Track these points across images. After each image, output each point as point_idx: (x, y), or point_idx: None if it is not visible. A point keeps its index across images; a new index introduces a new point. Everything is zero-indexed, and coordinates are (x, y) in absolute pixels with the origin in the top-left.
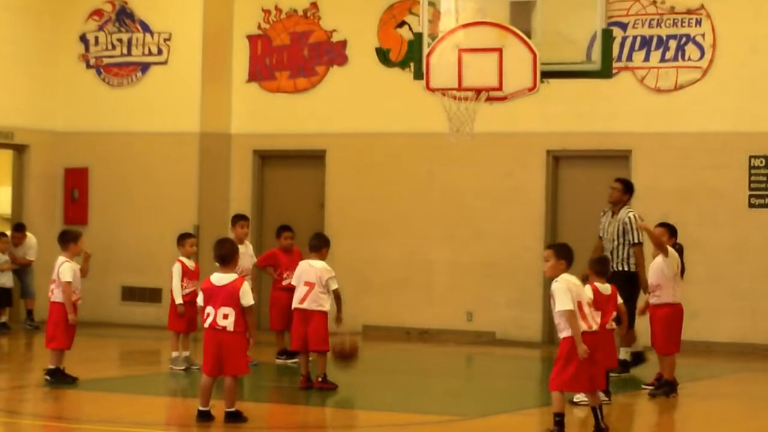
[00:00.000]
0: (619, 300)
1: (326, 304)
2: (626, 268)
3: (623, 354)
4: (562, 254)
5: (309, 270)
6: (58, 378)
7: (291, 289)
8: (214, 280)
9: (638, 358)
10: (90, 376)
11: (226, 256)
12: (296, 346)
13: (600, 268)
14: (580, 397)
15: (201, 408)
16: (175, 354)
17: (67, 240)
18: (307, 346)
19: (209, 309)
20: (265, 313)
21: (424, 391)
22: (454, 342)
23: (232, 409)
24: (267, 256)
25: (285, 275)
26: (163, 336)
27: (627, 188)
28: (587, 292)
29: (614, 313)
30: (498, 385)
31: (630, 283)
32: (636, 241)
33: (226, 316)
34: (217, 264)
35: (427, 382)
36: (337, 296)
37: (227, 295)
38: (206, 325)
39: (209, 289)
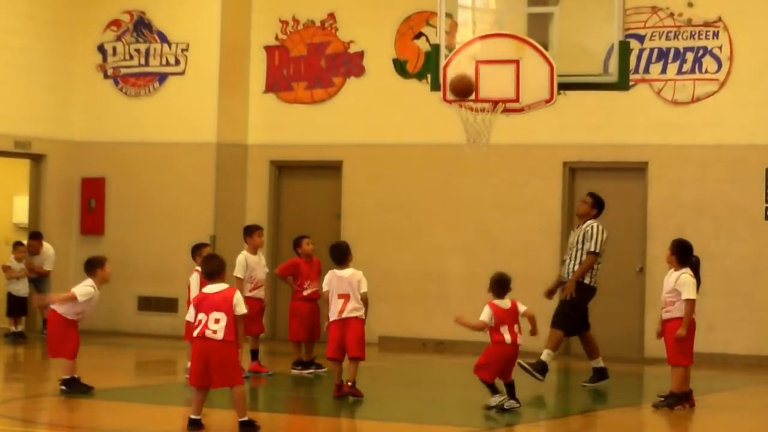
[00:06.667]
0: (522, 308)
1: (363, 311)
2: (580, 279)
3: (545, 356)
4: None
5: (337, 282)
6: (74, 387)
7: (311, 299)
8: (206, 290)
9: (602, 372)
10: (105, 386)
11: (214, 271)
12: (333, 353)
13: (497, 289)
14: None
15: (193, 416)
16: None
17: (94, 267)
18: (342, 354)
19: (201, 316)
20: (283, 324)
21: (441, 402)
22: (471, 353)
23: (245, 419)
24: (289, 265)
25: (306, 285)
26: (179, 346)
27: (597, 203)
28: (485, 311)
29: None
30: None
31: (580, 293)
32: (593, 250)
33: (217, 321)
34: (207, 279)
35: (443, 393)
36: (365, 300)
37: (220, 301)
38: (196, 333)
39: (200, 297)
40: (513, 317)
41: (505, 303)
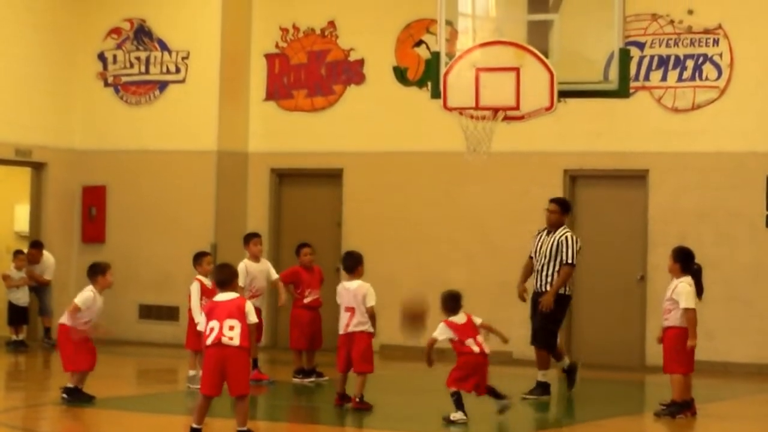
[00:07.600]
0: (478, 320)
1: (369, 325)
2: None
3: (541, 377)
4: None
5: (345, 294)
6: (75, 396)
7: (312, 307)
8: (217, 299)
9: (572, 368)
10: (107, 395)
11: (225, 280)
12: (341, 368)
13: (450, 305)
14: (458, 416)
15: (194, 425)
16: (192, 372)
17: (96, 273)
18: (349, 367)
19: (213, 323)
20: (284, 332)
21: (442, 411)
22: None
23: (245, 428)
24: (290, 272)
25: (307, 293)
26: (180, 354)
27: (564, 209)
28: (440, 330)
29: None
30: (516, 406)
31: (558, 305)
32: (568, 261)
33: (232, 328)
34: (218, 288)
35: (445, 402)
36: (371, 314)
37: (234, 308)
38: (209, 341)
39: (212, 306)
40: (473, 329)
41: (460, 318)
